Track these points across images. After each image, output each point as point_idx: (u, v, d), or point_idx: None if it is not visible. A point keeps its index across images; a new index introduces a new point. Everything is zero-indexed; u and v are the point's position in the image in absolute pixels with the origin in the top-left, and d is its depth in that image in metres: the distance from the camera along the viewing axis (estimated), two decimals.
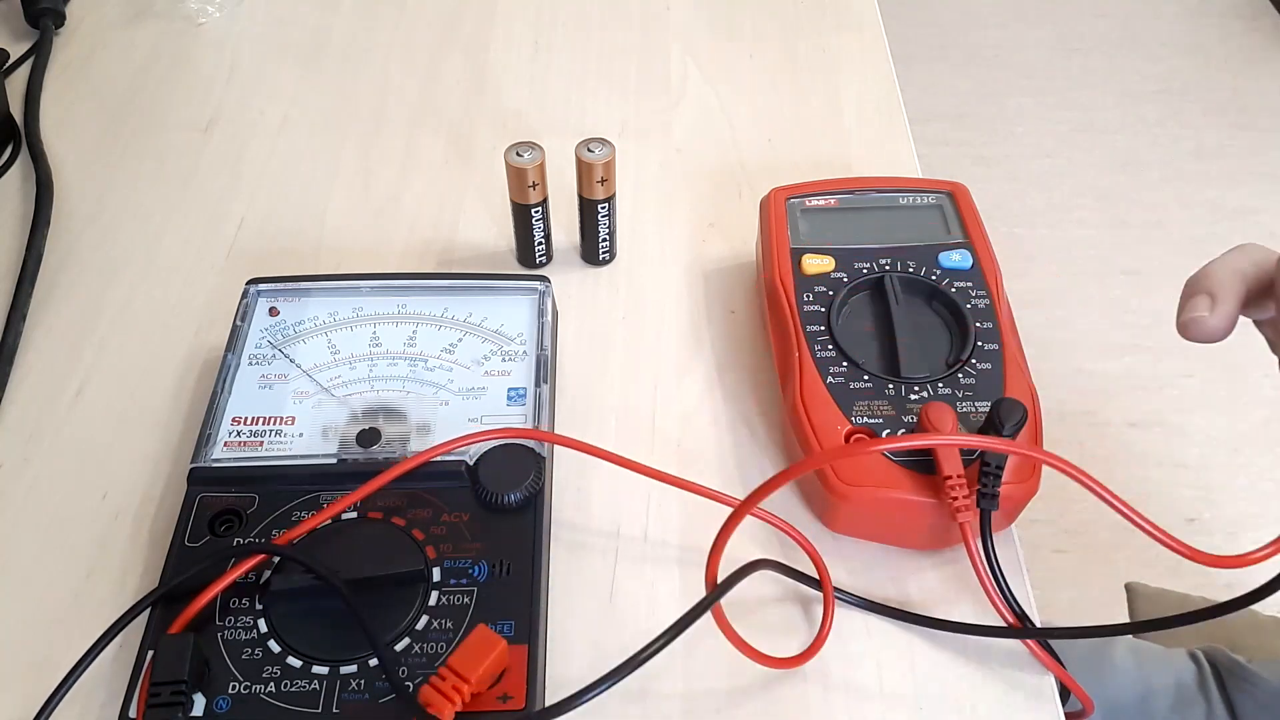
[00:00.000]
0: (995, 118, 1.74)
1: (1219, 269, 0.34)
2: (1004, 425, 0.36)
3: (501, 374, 0.41)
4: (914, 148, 0.57)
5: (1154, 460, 1.28)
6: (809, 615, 0.38)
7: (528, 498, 0.36)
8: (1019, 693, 0.36)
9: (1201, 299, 0.33)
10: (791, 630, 0.37)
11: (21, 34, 0.63)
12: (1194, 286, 0.34)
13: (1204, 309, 0.33)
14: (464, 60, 0.62)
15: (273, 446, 0.38)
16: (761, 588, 0.38)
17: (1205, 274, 0.34)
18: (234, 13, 0.65)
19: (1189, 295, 0.34)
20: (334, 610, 0.33)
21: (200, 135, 0.57)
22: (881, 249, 0.44)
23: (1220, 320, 0.33)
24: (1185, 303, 0.34)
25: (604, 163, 0.45)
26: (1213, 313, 0.33)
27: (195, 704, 0.31)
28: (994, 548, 0.36)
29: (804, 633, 0.37)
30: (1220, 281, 0.33)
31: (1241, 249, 0.35)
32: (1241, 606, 0.31)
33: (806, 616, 0.38)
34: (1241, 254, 0.34)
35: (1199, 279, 0.34)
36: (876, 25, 0.65)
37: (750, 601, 0.38)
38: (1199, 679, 0.61)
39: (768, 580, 0.38)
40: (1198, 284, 0.34)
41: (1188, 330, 0.33)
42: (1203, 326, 0.33)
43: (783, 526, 0.38)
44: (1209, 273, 0.34)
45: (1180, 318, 0.34)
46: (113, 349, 0.46)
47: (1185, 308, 0.34)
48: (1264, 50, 1.87)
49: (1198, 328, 0.33)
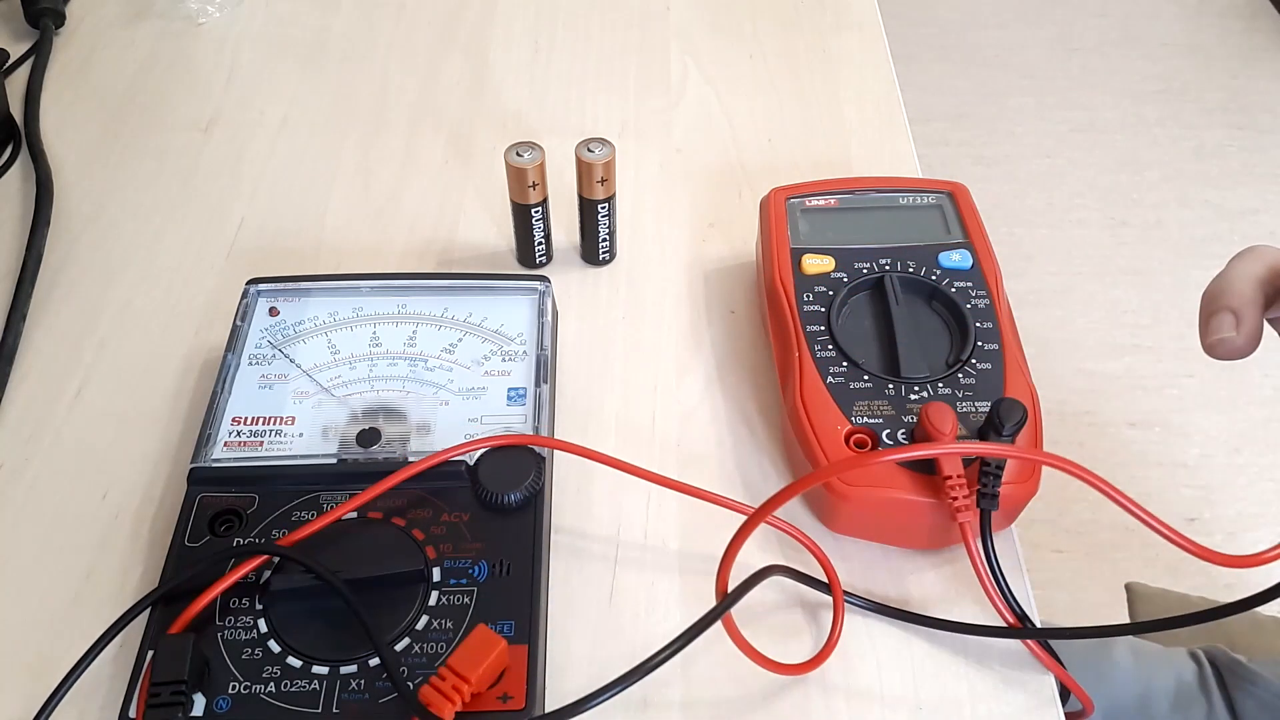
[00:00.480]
0: (995, 118, 1.74)
1: (1236, 281, 0.33)
2: (1004, 425, 0.36)
3: (501, 374, 0.41)
4: (914, 148, 0.57)
5: (1154, 460, 1.28)
6: (812, 618, 0.38)
7: (528, 498, 0.36)
8: (1019, 693, 0.36)
9: (1225, 317, 0.32)
10: (794, 633, 0.37)
11: (21, 34, 0.63)
12: (1213, 303, 0.33)
13: (1229, 328, 0.32)
14: (464, 60, 0.62)
15: (273, 446, 0.38)
16: (765, 593, 0.38)
17: (1222, 289, 0.33)
18: (234, 13, 0.65)
19: (1210, 313, 0.33)
20: (334, 610, 0.33)
21: (200, 135, 0.57)
22: (881, 249, 0.44)
23: (1247, 338, 0.32)
24: (1208, 322, 0.33)
25: (604, 163, 0.45)
26: (1239, 331, 0.32)
27: (195, 704, 0.31)
28: (994, 548, 0.36)
29: (806, 635, 0.37)
30: (1240, 295, 0.32)
31: (1251, 253, 0.34)
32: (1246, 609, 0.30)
33: (809, 620, 0.38)
34: (1253, 259, 0.33)
35: (1217, 294, 0.33)
36: (876, 25, 0.65)
37: (755, 606, 0.38)
38: (1199, 678, 0.61)
39: (770, 584, 0.38)
40: (1217, 300, 0.33)
41: (1215, 351, 0.32)
42: (1231, 346, 0.32)
43: (792, 532, 0.38)
44: (1226, 287, 0.33)
45: (1206, 339, 0.33)
46: (113, 349, 0.46)
47: (1209, 328, 0.33)
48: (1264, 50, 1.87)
49: (1226, 348, 0.32)
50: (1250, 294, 0.32)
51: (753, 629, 0.36)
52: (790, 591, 0.38)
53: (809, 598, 0.38)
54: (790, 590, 0.38)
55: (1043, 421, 0.39)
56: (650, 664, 0.31)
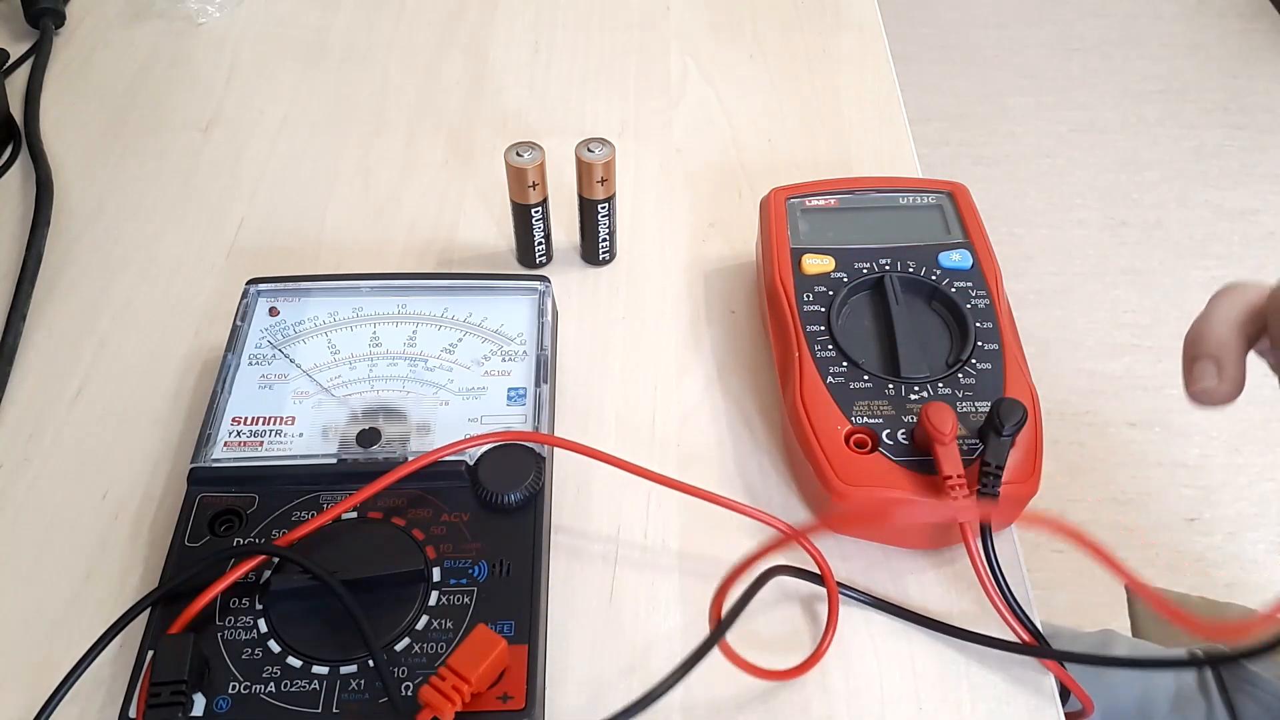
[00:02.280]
0: (995, 118, 1.74)
1: (1216, 326, 0.33)
2: (1004, 425, 0.36)
3: (501, 374, 0.41)
4: (914, 148, 0.57)
5: (1154, 460, 1.28)
6: (809, 613, 0.38)
7: (528, 497, 0.36)
8: (1019, 692, 0.36)
9: (1206, 366, 0.32)
10: (792, 629, 0.37)
11: (21, 34, 0.63)
12: (1195, 349, 0.33)
13: (1211, 378, 0.32)
14: (464, 60, 0.62)
15: (273, 446, 0.38)
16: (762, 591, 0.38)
17: (1203, 335, 0.33)
18: (234, 13, 0.65)
19: (1192, 360, 0.33)
20: (334, 610, 0.33)
21: (200, 135, 0.57)
22: (881, 249, 0.44)
23: (1230, 386, 0.32)
24: (1190, 369, 0.33)
25: (604, 163, 0.45)
26: (1221, 379, 0.32)
27: (195, 704, 0.31)
28: (994, 548, 0.36)
29: (804, 630, 0.37)
30: (1220, 342, 0.32)
31: (1230, 293, 0.34)
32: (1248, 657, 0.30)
33: (806, 614, 0.38)
34: (1231, 301, 0.33)
35: (1198, 341, 0.33)
36: (876, 25, 0.65)
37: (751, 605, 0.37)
38: (1199, 679, 0.61)
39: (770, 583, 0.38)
40: (1198, 346, 0.33)
41: (1199, 400, 0.33)
42: (1215, 396, 0.32)
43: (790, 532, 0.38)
44: (1206, 333, 0.33)
45: (1190, 388, 0.33)
46: (113, 349, 0.46)
47: (1192, 376, 0.33)
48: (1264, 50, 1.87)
49: (1209, 397, 0.32)
50: (1231, 340, 0.32)
51: (750, 626, 0.36)
52: (789, 588, 0.38)
53: (805, 593, 0.38)
54: (789, 587, 0.38)
55: (1043, 421, 0.39)
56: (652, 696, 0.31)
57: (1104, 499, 1.24)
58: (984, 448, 0.37)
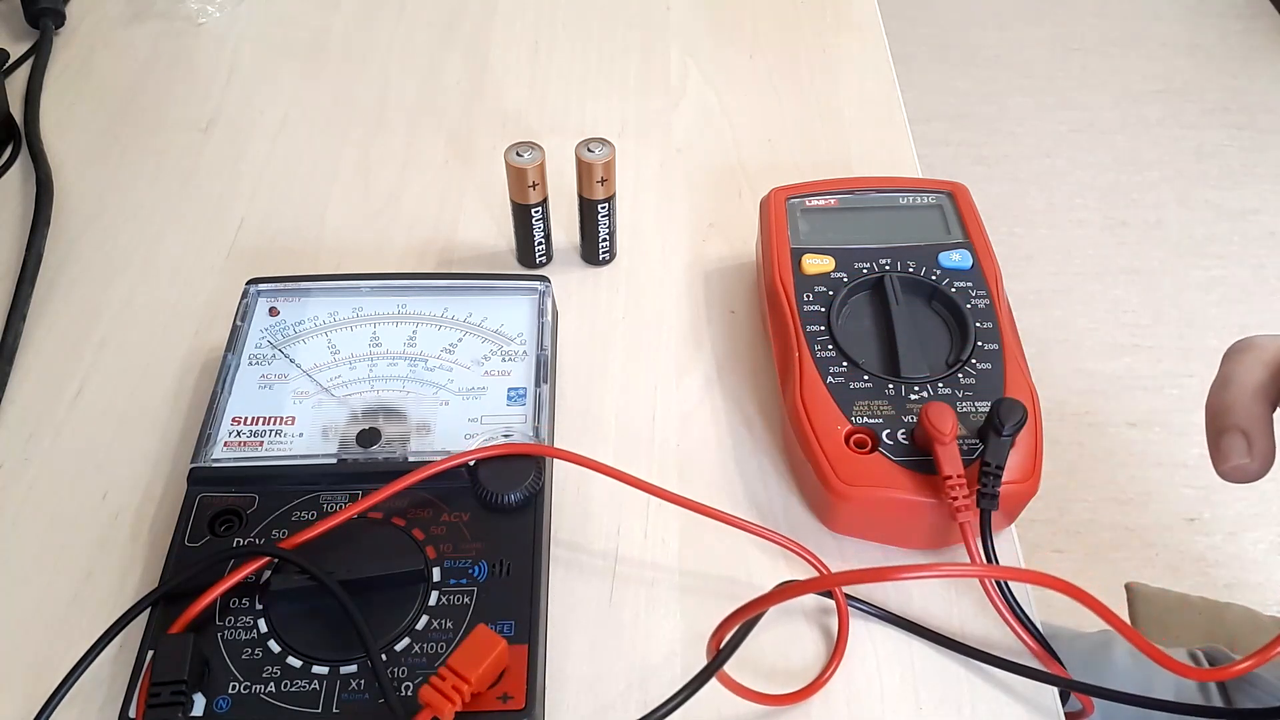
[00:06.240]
0: (995, 118, 1.74)
1: (1240, 395, 0.31)
2: (1004, 425, 0.36)
3: (501, 374, 0.41)
4: (914, 148, 0.57)
5: (1154, 460, 1.28)
6: (813, 624, 0.38)
7: (527, 498, 0.36)
8: (1019, 692, 0.36)
9: (1236, 441, 0.31)
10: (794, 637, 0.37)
11: (21, 34, 0.63)
12: (1220, 420, 0.31)
13: (1242, 454, 0.30)
14: (464, 60, 0.62)
15: (273, 446, 0.38)
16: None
17: (1228, 406, 0.31)
18: (234, 13, 0.65)
19: (1219, 432, 0.31)
20: (334, 610, 0.33)
21: (200, 135, 0.57)
22: (881, 249, 0.44)
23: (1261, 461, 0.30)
24: (1217, 445, 0.31)
25: (604, 163, 0.45)
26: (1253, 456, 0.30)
27: (195, 704, 0.31)
28: (994, 548, 0.36)
29: (806, 638, 0.37)
30: (1246, 412, 0.31)
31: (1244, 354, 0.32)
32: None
33: (811, 626, 0.38)
34: (1252, 363, 0.31)
35: (1224, 413, 0.31)
36: (876, 25, 0.65)
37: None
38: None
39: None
40: (1224, 419, 0.31)
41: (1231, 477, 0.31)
42: (1247, 472, 0.30)
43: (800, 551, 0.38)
44: (1232, 405, 0.31)
45: (1220, 466, 0.31)
46: (113, 349, 0.46)
47: (1221, 453, 0.31)
48: (1264, 50, 1.87)
49: (1242, 474, 0.31)
50: (1257, 410, 0.31)
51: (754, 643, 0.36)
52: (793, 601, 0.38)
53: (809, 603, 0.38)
54: None
55: (1043, 421, 0.39)
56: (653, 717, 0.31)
57: (1104, 499, 1.24)
58: (984, 448, 0.37)
